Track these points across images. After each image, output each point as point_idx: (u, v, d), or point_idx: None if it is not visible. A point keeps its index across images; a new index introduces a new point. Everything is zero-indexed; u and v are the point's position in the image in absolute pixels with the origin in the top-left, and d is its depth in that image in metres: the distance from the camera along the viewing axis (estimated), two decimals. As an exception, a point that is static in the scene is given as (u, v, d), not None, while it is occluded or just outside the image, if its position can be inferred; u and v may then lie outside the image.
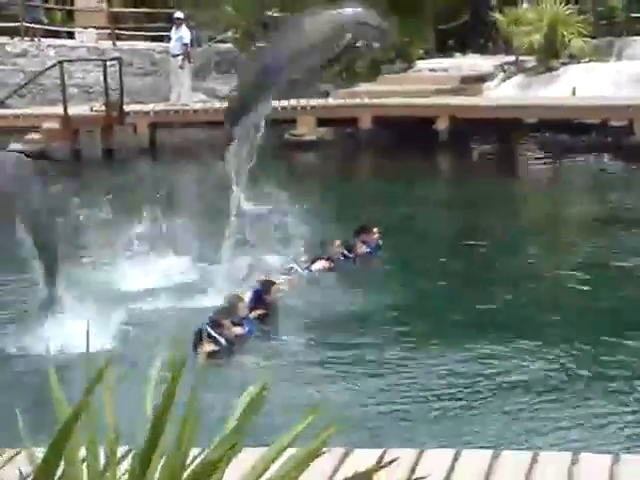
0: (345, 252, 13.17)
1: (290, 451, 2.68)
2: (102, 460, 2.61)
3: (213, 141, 24.26)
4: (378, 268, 13.17)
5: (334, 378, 8.97)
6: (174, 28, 24.38)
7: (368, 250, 13.46)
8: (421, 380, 8.84)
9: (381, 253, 13.61)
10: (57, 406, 2.72)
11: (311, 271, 12.61)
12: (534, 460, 5.13)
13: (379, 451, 5.27)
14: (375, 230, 13.70)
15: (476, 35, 28.81)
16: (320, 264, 12.84)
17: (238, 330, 9.99)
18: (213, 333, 9.47)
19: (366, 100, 24.09)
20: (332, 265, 12.88)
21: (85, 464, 2.58)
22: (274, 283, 11.23)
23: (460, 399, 8.43)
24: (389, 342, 9.90)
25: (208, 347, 9.22)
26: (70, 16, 31.30)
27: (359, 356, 9.52)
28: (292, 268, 12.39)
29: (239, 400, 2.83)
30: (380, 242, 13.68)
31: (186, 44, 24.16)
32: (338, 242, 13.14)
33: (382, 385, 8.83)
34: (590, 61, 25.72)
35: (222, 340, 9.51)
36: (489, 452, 5.33)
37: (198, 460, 2.54)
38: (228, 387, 7.44)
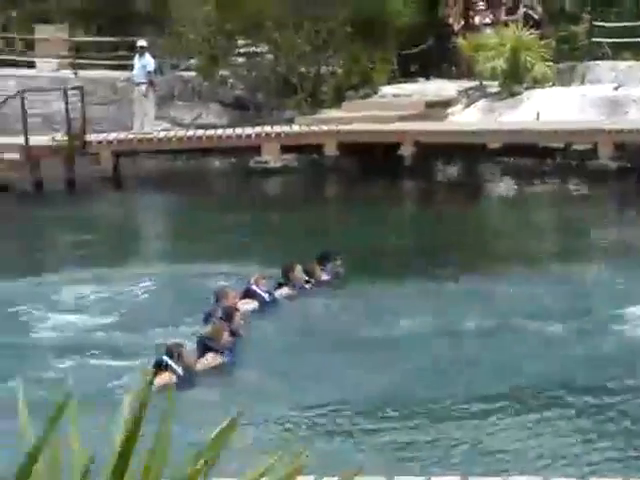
0: (306, 278, 13.06)
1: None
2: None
3: (177, 170, 24.21)
4: (341, 293, 13.01)
5: (300, 410, 8.79)
6: (137, 56, 24.24)
7: (328, 277, 13.39)
8: (382, 406, 8.72)
9: (342, 278, 13.51)
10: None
11: (274, 297, 12.43)
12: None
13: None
14: (335, 256, 13.64)
15: (439, 60, 28.87)
16: (284, 290, 12.72)
17: (217, 358, 9.90)
18: (170, 362, 9.32)
19: (331, 126, 24.03)
20: (295, 292, 12.77)
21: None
22: (236, 309, 11.14)
23: (436, 422, 8.30)
24: (357, 370, 9.76)
25: (165, 377, 9.07)
26: (30, 45, 31.05)
27: (330, 385, 9.36)
28: (254, 292, 12.20)
29: (208, 435, 2.69)
30: (341, 269, 13.59)
31: (150, 72, 24.04)
32: (299, 267, 13.02)
33: (347, 416, 8.69)
34: (553, 85, 25.83)
35: (179, 370, 9.36)
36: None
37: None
38: (187, 418, 7.23)
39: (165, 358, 9.36)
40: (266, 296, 12.28)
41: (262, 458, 2.69)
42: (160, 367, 9.15)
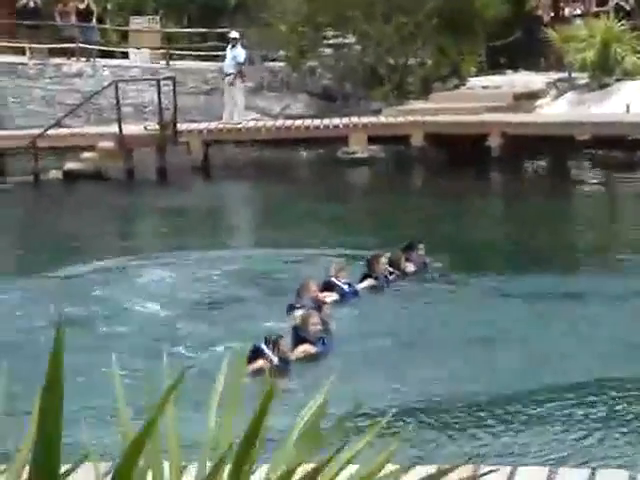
0: (390, 269, 13.06)
1: (352, 467, 2.71)
2: (166, 474, 2.66)
3: (265, 160, 24.51)
4: (426, 286, 13.01)
5: (393, 399, 8.94)
6: (229, 47, 24.60)
7: (414, 268, 13.38)
8: (480, 405, 8.79)
9: (429, 271, 13.52)
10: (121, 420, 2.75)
11: (356, 290, 12.44)
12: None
13: (434, 467, 5.28)
14: (421, 247, 13.60)
15: (528, 52, 28.68)
16: (367, 282, 12.75)
17: (311, 349, 10.04)
18: (265, 349, 9.55)
19: (418, 117, 24.10)
20: (378, 283, 12.79)
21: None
22: (324, 302, 11.30)
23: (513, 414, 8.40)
24: (446, 363, 9.85)
25: (259, 364, 9.32)
26: (124, 37, 31.68)
27: (421, 376, 9.46)
28: (334, 285, 12.27)
29: (297, 418, 2.83)
30: (427, 260, 13.60)
31: (241, 63, 24.39)
32: (383, 259, 13.02)
33: (441, 404, 8.82)
34: (644, 77, 25.50)
35: (274, 357, 9.57)
36: (545, 469, 5.32)
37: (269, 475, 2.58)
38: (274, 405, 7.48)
39: (262, 346, 9.59)
40: (346, 287, 12.27)
41: (349, 443, 2.83)
42: (256, 354, 9.41)
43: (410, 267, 13.38)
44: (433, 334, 10.86)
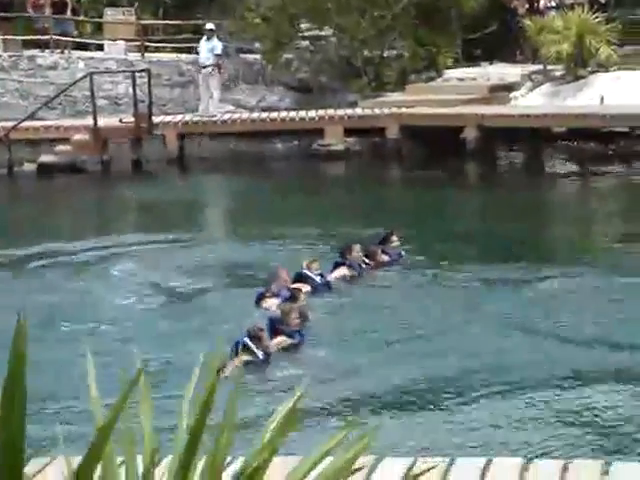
0: (365, 260, 13.09)
1: (327, 460, 2.71)
2: (140, 465, 2.65)
3: (241, 152, 24.46)
4: (400, 277, 13.03)
5: (370, 390, 8.95)
6: (204, 39, 24.50)
7: (388, 259, 13.42)
8: (459, 397, 8.80)
9: (404, 262, 13.54)
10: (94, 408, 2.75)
11: (328, 282, 12.41)
12: (565, 469, 5.14)
13: (410, 460, 5.29)
14: (395, 238, 13.62)
15: (504, 44, 28.76)
16: (341, 271, 12.76)
17: (287, 340, 10.06)
18: (250, 344, 9.56)
19: (394, 110, 24.12)
20: (353, 272, 12.81)
21: (124, 468, 2.61)
22: (300, 291, 11.32)
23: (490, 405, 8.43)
24: (421, 356, 9.86)
25: (243, 358, 9.34)
26: (99, 28, 31.52)
27: (397, 367, 9.48)
28: (306, 276, 12.26)
29: (275, 411, 2.85)
30: (402, 251, 13.62)
31: (218, 55, 24.33)
32: (357, 247, 13.01)
33: (417, 399, 8.83)
34: (618, 69, 25.62)
35: (259, 352, 9.58)
36: (519, 460, 5.34)
37: (236, 466, 2.57)
38: (261, 397, 7.50)
39: (246, 340, 9.60)
40: (318, 279, 12.25)
41: (327, 437, 2.84)
42: (240, 348, 9.46)
43: (385, 258, 13.39)
44: (407, 324, 10.86)
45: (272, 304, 11.21)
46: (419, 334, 10.54)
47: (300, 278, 12.19)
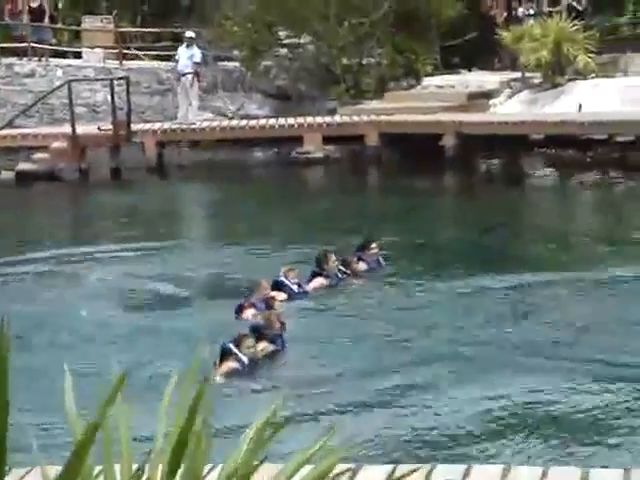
0: (342, 269, 13.05)
1: (305, 469, 2.70)
2: (118, 477, 2.64)
3: (219, 160, 24.44)
4: (379, 286, 12.96)
5: (349, 399, 8.93)
6: (184, 47, 24.46)
7: (366, 267, 13.38)
8: (436, 404, 8.81)
9: (382, 270, 13.50)
10: (71, 421, 2.73)
11: (305, 291, 12.38)
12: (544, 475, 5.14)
13: (389, 467, 5.29)
14: (374, 246, 13.57)
15: (482, 51, 28.88)
16: (317, 282, 12.70)
17: (270, 347, 10.05)
18: (236, 351, 9.55)
19: (372, 117, 24.16)
20: (331, 282, 12.76)
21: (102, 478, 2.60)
22: (274, 299, 11.31)
23: (470, 419, 8.43)
24: (399, 364, 9.85)
25: (230, 365, 9.34)
26: (77, 36, 31.45)
27: (375, 377, 9.47)
28: (283, 284, 12.23)
29: (254, 421, 2.84)
30: (380, 259, 13.57)
31: (198, 63, 24.33)
32: (333, 257, 12.94)
33: (395, 407, 8.82)
34: (596, 77, 25.77)
35: (244, 358, 9.57)
36: (499, 467, 5.34)
37: (215, 475, 2.56)
38: (245, 404, 7.47)
39: (231, 346, 9.58)
40: (295, 288, 12.21)
41: (306, 445, 2.84)
42: (225, 354, 9.45)
43: (363, 266, 13.35)
44: (384, 332, 10.86)
45: (250, 315, 11.21)
46: (397, 341, 10.54)
47: (277, 286, 12.15)
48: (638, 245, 15.39)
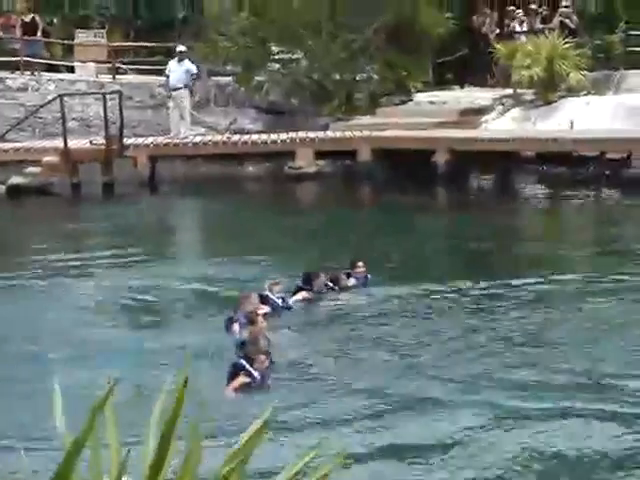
0: (329, 284, 13.08)
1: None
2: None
3: (212, 175, 24.44)
4: (365, 301, 12.95)
5: (334, 414, 8.92)
6: (175, 61, 24.46)
7: (355, 282, 13.38)
8: (423, 418, 8.80)
9: (369, 283, 13.48)
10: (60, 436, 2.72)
11: (288, 304, 12.40)
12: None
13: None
14: (360, 264, 13.61)
15: (474, 68, 28.95)
16: (301, 295, 12.74)
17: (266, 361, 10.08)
18: (248, 367, 9.58)
19: (365, 132, 24.19)
20: (312, 296, 12.77)
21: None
22: (257, 314, 11.31)
23: (460, 434, 8.41)
24: (385, 378, 9.84)
25: (242, 380, 9.37)
26: (70, 50, 31.46)
27: (362, 392, 9.45)
28: (267, 298, 12.24)
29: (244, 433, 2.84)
30: (368, 275, 13.60)
31: (197, 73, 24.45)
32: (322, 277, 13.03)
33: (380, 415, 8.81)
34: (588, 94, 25.84)
35: (256, 374, 9.59)
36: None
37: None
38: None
39: (242, 361, 9.63)
40: (279, 302, 12.27)
41: (294, 459, 2.82)
42: (236, 369, 9.49)
43: (351, 281, 13.40)
44: (369, 348, 10.84)
45: (236, 329, 11.27)
46: (383, 355, 10.54)
47: (262, 300, 12.18)
48: (631, 260, 15.39)
